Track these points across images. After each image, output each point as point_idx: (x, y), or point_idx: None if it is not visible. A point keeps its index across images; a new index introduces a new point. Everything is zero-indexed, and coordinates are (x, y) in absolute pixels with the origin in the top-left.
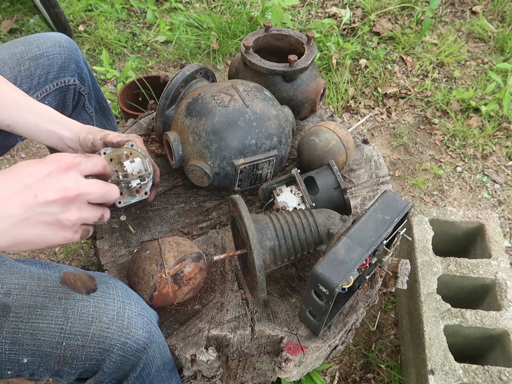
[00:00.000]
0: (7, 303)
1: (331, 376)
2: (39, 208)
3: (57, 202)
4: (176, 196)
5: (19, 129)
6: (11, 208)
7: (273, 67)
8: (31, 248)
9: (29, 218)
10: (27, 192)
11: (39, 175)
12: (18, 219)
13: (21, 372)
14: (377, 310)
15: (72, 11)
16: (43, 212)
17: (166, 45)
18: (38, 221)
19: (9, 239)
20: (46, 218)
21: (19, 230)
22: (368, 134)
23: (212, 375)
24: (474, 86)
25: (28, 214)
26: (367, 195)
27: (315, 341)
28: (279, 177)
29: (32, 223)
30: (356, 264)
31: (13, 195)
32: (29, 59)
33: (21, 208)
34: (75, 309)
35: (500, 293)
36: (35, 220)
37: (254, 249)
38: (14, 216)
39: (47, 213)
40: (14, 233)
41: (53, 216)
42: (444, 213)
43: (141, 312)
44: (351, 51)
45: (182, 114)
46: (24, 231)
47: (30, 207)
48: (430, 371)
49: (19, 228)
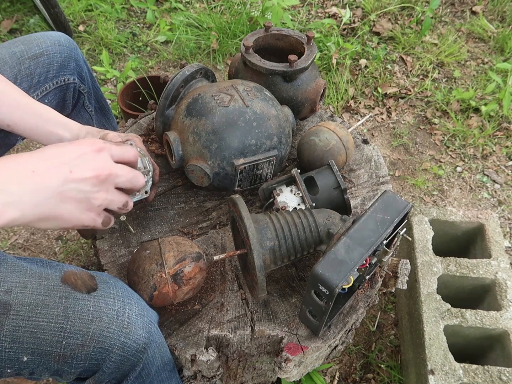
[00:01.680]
0: (7, 301)
1: (331, 376)
2: (72, 184)
3: (90, 180)
4: (176, 196)
5: (18, 129)
6: (47, 181)
7: (273, 67)
8: (57, 226)
9: (63, 193)
10: (62, 168)
11: (74, 154)
12: (53, 192)
13: (21, 371)
14: (377, 310)
15: (72, 11)
16: (75, 189)
17: (166, 45)
18: (70, 197)
19: (42, 211)
20: (77, 195)
21: (52, 203)
22: (368, 134)
23: (212, 375)
24: (474, 86)
25: (62, 188)
26: (367, 195)
27: (315, 341)
28: (279, 177)
29: (65, 198)
30: (356, 264)
31: (49, 169)
32: (29, 58)
33: (57, 181)
34: (75, 308)
35: (500, 293)
36: (68, 196)
37: (254, 249)
38: (49, 188)
39: (79, 190)
40: (48, 206)
41: (84, 194)
42: (444, 213)
43: (141, 312)
44: (351, 51)
45: (182, 114)
46: (57, 205)
47: (65, 181)
48: (430, 371)
49: (53, 201)
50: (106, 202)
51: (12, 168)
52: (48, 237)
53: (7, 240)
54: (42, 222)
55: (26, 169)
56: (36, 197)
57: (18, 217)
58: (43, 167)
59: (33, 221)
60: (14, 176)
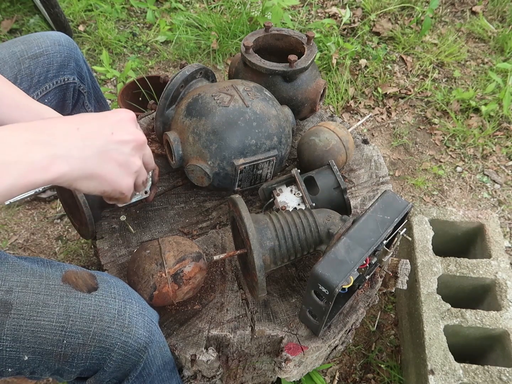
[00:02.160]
0: (9, 300)
1: (331, 376)
2: (114, 145)
3: (130, 143)
4: (176, 196)
5: None
6: (93, 138)
7: (273, 67)
8: (98, 187)
9: (106, 152)
10: (105, 129)
11: (113, 118)
12: (98, 150)
13: (22, 370)
14: (377, 310)
15: (72, 11)
16: (117, 150)
17: (166, 45)
18: (112, 158)
19: (88, 167)
20: (118, 157)
21: (97, 161)
22: (368, 134)
23: (212, 375)
24: (474, 86)
25: (105, 148)
26: (367, 195)
27: (315, 341)
28: (279, 177)
29: (108, 158)
30: (356, 264)
31: (93, 128)
32: (29, 57)
33: (100, 140)
34: (76, 307)
35: (500, 293)
36: (110, 156)
37: (254, 249)
38: (94, 146)
39: (120, 152)
40: (93, 163)
41: (124, 156)
42: (444, 213)
43: (142, 311)
44: (351, 51)
45: (182, 114)
46: (101, 164)
47: (107, 141)
48: (430, 371)
49: (98, 159)
50: (140, 170)
51: (58, 124)
52: (48, 237)
53: (7, 240)
54: (86, 180)
55: (71, 126)
56: (83, 152)
57: (66, 172)
58: (87, 126)
59: (78, 178)
60: (61, 132)
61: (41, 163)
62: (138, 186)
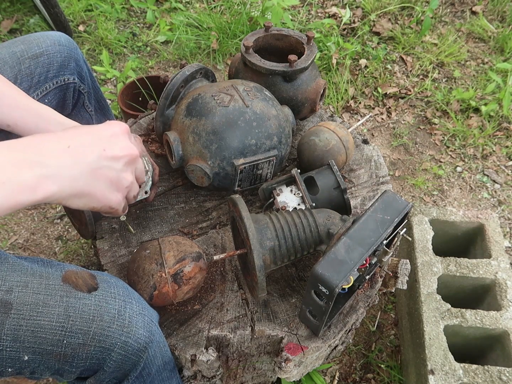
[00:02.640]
0: (9, 300)
1: (331, 376)
2: (106, 161)
3: (122, 159)
4: (176, 196)
5: (18, 129)
6: (83, 156)
7: (273, 67)
8: (88, 204)
9: (96, 169)
10: (97, 145)
11: (106, 133)
12: (88, 167)
13: (22, 370)
14: (377, 310)
15: (72, 11)
16: (108, 167)
17: (166, 45)
18: (103, 175)
19: (77, 186)
20: (110, 173)
21: (87, 179)
22: (368, 134)
23: (212, 375)
24: (474, 86)
25: (96, 165)
26: (367, 195)
27: (315, 341)
28: (279, 177)
29: (98, 175)
30: (356, 264)
31: (84, 145)
32: (29, 57)
33: (91, 157)
34: (76, 307)
35: (500, 293)
36: (101, 173)
37: (254, 249)
38: (85, 163)
39: (112, 168)
40: (83, 182)
41: (116, 172)
42: (444, 213)
43: (142, 311)
44: (351, 51)
45: (182, 114)
46: (91, 182)
47: (99, 158)
48: (430, 371)
49: (88, 177)
50: (131, 185)
51: (47, 143)
52: (48, 237)
53: (7, 240)
54: (75, 198)
55: (62, 144)
56: (73, 171)
57: (55, 192)
58: (77, 143)
59: (67, 197)
60: (50, 151)
61: (29, 184)
62: (129, 200)
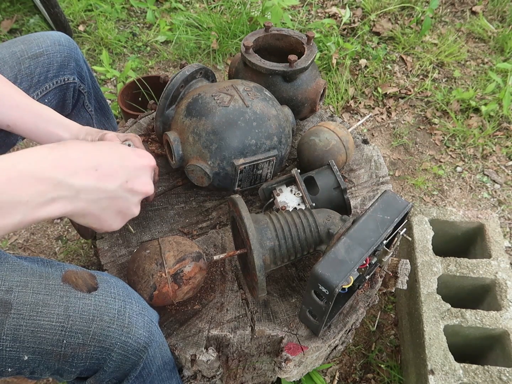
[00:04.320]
0: (8, 300)
1: (331, 376)
2: (124, 192)
3: (140, 195)
4: (176, 196)
5: (18, 129)
6: (107, 183)
7: (273, 67)
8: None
9: (113, 199)
10: (122, 174)
11: (135, 164)
12: (106, 195)
13: (22, 370)
14: (377, 310)
15: (72, 11)
16: (125, 198)
17: (166, 45)
18: (116, 204)
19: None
20: (123, 204)
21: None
22: (368, 134)
23: (212, 375)
24: (474, 86)
25: (114, 195)
26: (367, 195)
27: (315, 341)
28: (279, 177)
29: (112, 204)
30: (356, 264)
31: (111, 172)
32: (29, 57)
33: (114, 186)
34: (76, 307)
35: (500, 293)
36: (115, 203)
37: (254, 249)
38: (106, 191)
39: (127, 199)
40: (97, 206)
41: (128, 204)
42: (444, 213)
43: (142, 311)
44: (351, 51)
45: (182, 114)
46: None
47: (120, 188)
48: (430, 371)
49: (102, 203)
50: (135, 214)
51: (78, 162)
52: (48, 237)
53: (7, 240)
54: (80, 216)
55: (90, 165)
56: (92, 195)
57: (68, 211)
58: (106, 168)
59: (76, 214)
60: (78, 170)
61: (49, 203)
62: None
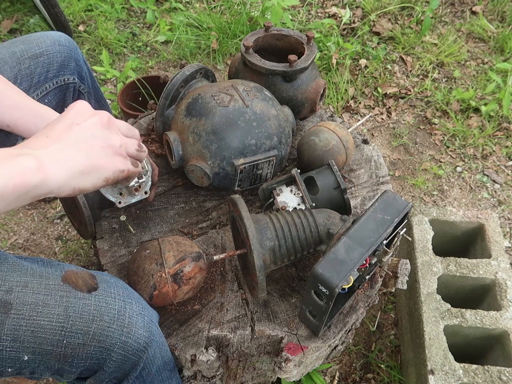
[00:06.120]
0: (8, 300)
1: (331, 376)
2: (84, 133)
3: (95, 124)
4: (176, 196)
5: (18, 129)
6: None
7: (273, 67)
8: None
9: (82, 143)
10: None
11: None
12: (74, 144)
13: (22, 370)
14: (377, 310)
15: (72, 11)
16: (90, 137)
17: (166, 45)
18: (92, 145)
19: (76, 162)
20: (96, 142)
21: (80, 154)
22: (368, 134)
23: (212, 375)
24: (474, 86)
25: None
26: (367, 195)
27: (315, 341)
28: (279, 177)
29: (89, 148)
30: (356, 264)
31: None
32: (29, 57)
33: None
34: (76, 307)
35: (500, 293)
36: (89, 145)
37: (254, 249)
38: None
39: (94, 136)
40: (78, 157)
41: (101, 139)
42: (444, 213)
43: (142, 311)
44: (351, 51)
45: (182, 114)
46: (85, 155)
47: (78, 133)
48: (430, 371)
49: (79, 152)
50: (123, 143)
51: (29, 142)
52: (48, 237)
53: (7, 240)
54: (86, 176)
55: (41, 138)
56: (64, 152)
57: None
58: (53, 131)
59: (74, 176)
60: (37, 145)
61: (30, 167)
62: (133, 156)
